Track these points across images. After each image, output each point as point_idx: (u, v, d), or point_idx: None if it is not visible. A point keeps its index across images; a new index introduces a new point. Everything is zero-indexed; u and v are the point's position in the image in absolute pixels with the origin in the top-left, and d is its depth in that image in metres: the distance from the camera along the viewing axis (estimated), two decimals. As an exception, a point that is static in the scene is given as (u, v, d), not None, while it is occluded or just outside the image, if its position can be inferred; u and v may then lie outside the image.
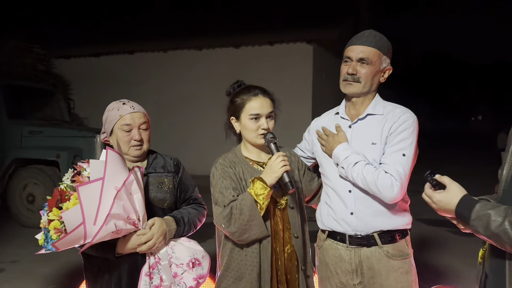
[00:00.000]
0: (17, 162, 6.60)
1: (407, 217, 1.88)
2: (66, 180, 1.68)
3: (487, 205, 1.27)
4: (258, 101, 1.84)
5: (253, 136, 1.86)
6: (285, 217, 1.87)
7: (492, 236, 1.24)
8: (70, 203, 1.59)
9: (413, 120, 1.82)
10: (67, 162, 6.24)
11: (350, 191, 1.85)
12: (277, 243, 1.84)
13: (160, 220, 1.78)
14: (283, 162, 1.72)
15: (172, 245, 1.81)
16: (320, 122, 2.06)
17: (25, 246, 5.36)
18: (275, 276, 1.82)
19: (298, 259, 1.86)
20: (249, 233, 1.74)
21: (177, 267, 1.78)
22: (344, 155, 1.81)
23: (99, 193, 1.58)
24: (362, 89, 1.85)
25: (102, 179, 1.60)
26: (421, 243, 5.43)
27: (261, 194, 1.72)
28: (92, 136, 6.58)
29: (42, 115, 7.41)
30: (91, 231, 1.56)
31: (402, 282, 1.81)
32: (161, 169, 1.96)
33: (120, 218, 1.62)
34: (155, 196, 1.90)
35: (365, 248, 1.82)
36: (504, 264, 1.28)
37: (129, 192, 1.65)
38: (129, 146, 1.87)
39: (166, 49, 10.79)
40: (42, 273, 4.35)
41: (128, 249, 1.74)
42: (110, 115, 1.90)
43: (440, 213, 1.43)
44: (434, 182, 1.40)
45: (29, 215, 6.45)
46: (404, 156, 1.76)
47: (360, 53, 1.83)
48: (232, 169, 1.86)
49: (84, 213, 1.55)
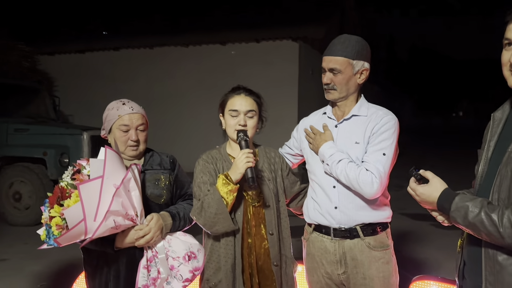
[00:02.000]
0: (3, 160, 6.56)
1: (387, 211, 1.99)
2: (66, 178, 1.74)
3: (465, 198, 1.38)
4: (239, 98, 1.94)
5: (230, 132, 1.95)
6: (261, 215, 1.95)
7: (469, 226, 1.34)
8: (71, 200, 1.65)
9: (394, 122, 1.94)
10: (54, 159, 6.24)
11: (334, 187, 1.95)
12: (252, 238, 1.93)
13: (157, 215, 1.86)
14: (247, 159, 1.79)
15: (169, 239, 1.88)
16: (308, 121, 2.16)
17: (13, 244, 5.36)
18: (247, 269, 1.91)
19: (270, 254, 1.94)
20: (218, 226, 1.83)
21: (174, 260, 1.86)
22: (329, 153, 1.92)
23: (99, 191, 1.65)
24: (339, 95, 1.97)
25: (102, 177, 1.67)
26: (404, 236, 5.59)
27: (223, 189, 1.80)
28: (79, 133, 6.57)
29: (28, 113, 7.36)
30: (91, 227, 1.63)
31: (384, 272, 1.92)
32: (158, 166, 2.03)
33: (119, 214, 1.69)
34: (151, 193, 1.97)
35: (348, 240, 1.93)
36: (480, 251, 1.39)
37: (127, 189, 1.72)
38: (125, 146, 1.93)
39: (152, 45, 10.77)
40: (32, 271, 4.37)
41: (126, 243, 1.81)
42: (110, 114, 1.95)
43: (423, 205, 1.54)
44: (418, 177, 1.50)
45: (16, 214, 6.43)
46: (385, 155, 1.88)
47: (330, 63, 1.94)
48: (212, 165, 1.96)
49: (85, 210, 1.61)
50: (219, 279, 1.88)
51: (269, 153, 2.10)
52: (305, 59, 10.06)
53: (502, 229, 1.25)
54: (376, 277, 1.90)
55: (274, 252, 1.93)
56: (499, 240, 1.28)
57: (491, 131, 1.50)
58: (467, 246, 1.50)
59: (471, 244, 1.45)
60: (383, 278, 1.92)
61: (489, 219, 1.28)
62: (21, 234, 5.79)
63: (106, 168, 1.68)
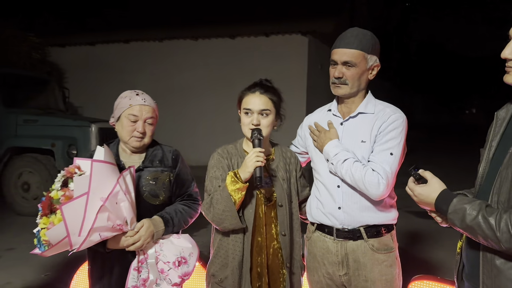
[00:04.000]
0: (12, 150, 6.62)
1: (393, 213, 1.95)
2: (57, 184, 1.70)
3: (464, 200, 1.34)
4: (253, 97, 1.90)
5: (245, 130, 1.92)
6: (273, 214, 1.92)
7: (467, 229, 1.31)
8: (56, 218, 1.63)
9: (402, 120, 1.87)
10: (62, 151, 6.27)
11: (338, 186, 1.91)
12: (261, 237, 1.90)
13: (149, 222, 1.84)
14: (256, 158, 1.76)
15: (161, 243, 1.88)
16: (313, 118, 2.11)
17: (20, 234, 5.41)
18: (255, 267, 1.89)
19: (283, 256, 1.92)
20: (225, 223, 1.82)
21: (164, 264, 1.86)
22: (334, 152, 1.87)
23: (83, 208, 1.61)
24: (350, 90, 1.89)
25: (87, 193, 1.63)
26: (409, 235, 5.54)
27: (231, 187, 1.78)
28: (87, 125, 6.59)
29: (37, 104, 7.41)
30: (76, 241, 1.62)
31: (386, 275, 1.88)
32: (158, 163, 1.99)
33: (105, 229, 1.67)
34: (148, 193, 1.94)
35: (351, 241, 1.89)
36: (479, 254, 1.36)
37: (115, 202, 1.69)
38: (130, 136, 1.92)
39: (162, 38, 10.76)
40: (37, 261, 4.40)
41: (117, 247, 1.82)
42: (121, 102, 1.94)
43: (421, 205, 1.50)
44: (417, 176, 1.47)
45: (24, 204, 6.49)
46: (392, 155, 1.82)
47: (344, 56, 1.85)
48: (227, 161, 1.93)
49: (68, 228, 1.58)
50: (225, 275, 1.87)
51: (285, 153, 2.07)
52: (314, 54, 9.97)
53: (499, 234, 1.22)
54: (378, 280, 1.87)
55: (286, 254, 1.91)
56: (496, 244, 1.25)
57: (493, 130, 1.46)
58: (466, 249, 1.47)
59: (470, 247, 1.42)
60: (386, 282, 1.88)
61: (486, 223, 1.25)
62: (28, 224, 5.80)
63: (92, 183, 1.64)
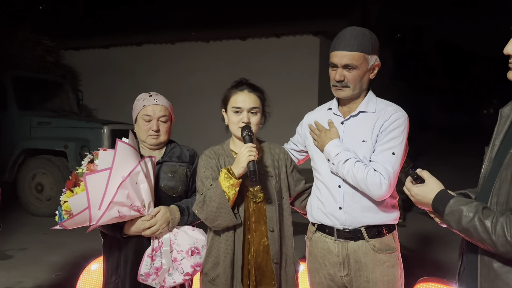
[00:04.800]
0: (26, 152, 6.75)
1: (394, 213, 1.91)
2: (83, 166, 1.86)
3: (461, 201, 1.31)
4: (242, 95, 1.89)
5: (234, 129, 1.91)
6: (261, 210, 1.91)
7: (463, 231, 1.28)
8: (79, 188, 1.79)
9: (404, 119, 1.84)
10: (75, 152, 6.37)
11: (339, 186, 1.88)
12: (252, 234, 1.89)
13: (165, 209, 1.93)
14: (249, 153, 1.76)
15: (176, 232, 1.95)
16: (313, 116, 2.08)
17: (34, 234, 5.52)
18: (246, 265, 1.89)
19: (271, 252, 1.90)
20: (219, 220, 1.82)
21: (178, 253, 1.93)
22: (335, 152, 1.84)
23: (105, 182, 1.75)
24: (352, 92, 1.86)
25: (110, 168, 1.77)
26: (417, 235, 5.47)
27: (225, 183, 1.78)
28: (99, 127, 6.69)
29: (51, 106, 7.54)
30: (95, 215, 1.74)
31: (388, 275, 1.85)
32: (176, 158, 2.11)
33: (124, 205, 1.77)
34: (166, 184, 2.04)
35: (352, 241, 1.86)
36: (477, 257, 1.33)
37: (135, 182, 1.81)
38: (147, 135, 2.04)
39: (173, 41, 10.83)
40: (49, 261, 4.48)
41: (133, 231, 1.91)
42: (136, 104, 2.08)
43: (419, 205, 1.47)
44: (415, 176, 1.44)
45: (38, 204, 6.61)
46: (394, 155, 1.79)
47: (344, 59, 1.81)
48: (215, 160, 1.94)
49: (90, 199, 1.72)
50: (217, 274, 1.87)
51: (273, 149, 2.05)
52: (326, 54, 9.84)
53: (495, 237, 1.19)
54: (380, 281, 1.84)
55: (274, 250, 1.90)
56: (491, 247, 1.21)
57: (497, 128, 1.42)
58: (466, 250, 1.44)
59: (469, 249, 1.39)
60: (388, 282, 1.85)
61: (482, 226, 1.21)
62: (42, 224, 5.94)
63: (116, 160, 1.78)
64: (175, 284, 1.96)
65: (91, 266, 2.76)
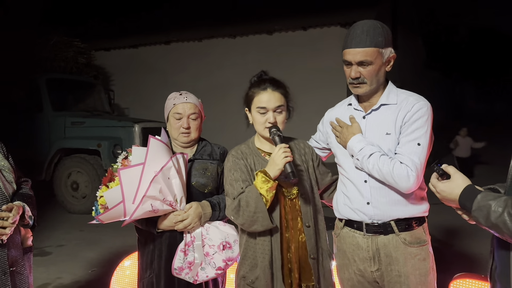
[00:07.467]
0: (62, 151, 6.99)
1: (424, 205, 1.86)
2: (118, 162, 1.94)
3: (489, 196, 1.25)
4: (266, 95, 1.85)
5: (260, 129, 1.89)
6: (297, 207, 1.89)
7: (492, 227, 1.23)
8: (114, 183, 1.85)
9: (427, 108, 1.79)
10: (108, 151, 6.54)
11: (365, 181, 1.84)
12: (289, 232, 1.86)
13: (197, 204, 1.97)
14: (284, 154, 1.72)
15: (207, 227, 1.97)
16: (334, 113, 2.05)
17: (71, 231, 5.71)
18: (286, 264, 1.86)
19: (308, 247, 1.87)
20: (256, 225, 1.78)
21: (210, 247, 1.95)
22: (359, 147, 1.81)
23: (139, 176, 1.81)
24: (370, 87, 1.82)
25: (143, 164, 1.82)
26: (451, 230, 5.29)
27: (263, 187, 1.74)
28: (131, 126, 6.83)
29: (84, 107, 7.78)
30: (130, 209, 1.79)
31: (420, 269, 1.80)
32: (207, 156, 2.15)
33: (157, 199, 1.82)
34: (197, 181, 2.08)
35: (382, 236, 1.82)
36: (509, 254, 1.27)
37: (167, 177, 1.85)
38: (178, 133, 2.09)
39: (201, 38, 10.90)
40: (86, 257, 4.62)
41: (166, 225, 1.96)
42: (168, 103, 2.13)
43: (445, 202, 1.42)
44: (440, 172, 1.40)
45: (74, 202, 6.84)
46: (419, 145, 1.74)
47: (358, 56, 1.76)
48: (243, 161, 1.90)
49: (124, 193, 1.78)
50: (256, 276, 1.84)
51: (298, 144, 2.03)
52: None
53: None
54: (412, 274, 1.79)
55: (311, 245, 1.87)
56: None
57: None
58: (497, 247, 1.37)
59: (501, 245, 1.32)
60: (420, 276, 1.79)
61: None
62: (78, 221, 6.14)
63: (148, 155, 1.84)
64: (208, 279, 1.97)
65: (124, 262, 2.82)
